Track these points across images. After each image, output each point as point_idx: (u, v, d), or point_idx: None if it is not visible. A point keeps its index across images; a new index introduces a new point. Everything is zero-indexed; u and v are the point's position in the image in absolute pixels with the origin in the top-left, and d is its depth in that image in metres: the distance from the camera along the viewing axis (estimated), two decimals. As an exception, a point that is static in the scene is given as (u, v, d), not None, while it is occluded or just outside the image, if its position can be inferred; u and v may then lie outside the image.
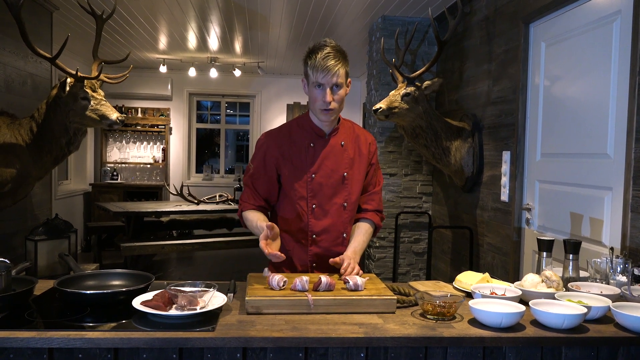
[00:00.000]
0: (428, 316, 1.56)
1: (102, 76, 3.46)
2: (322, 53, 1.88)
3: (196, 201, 6.21)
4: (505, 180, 3.43)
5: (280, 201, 2.07)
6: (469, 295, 1.79)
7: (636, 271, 1.86)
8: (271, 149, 2.02)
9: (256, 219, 1.96)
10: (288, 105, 8.38)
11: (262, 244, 1.77)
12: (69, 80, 3.31)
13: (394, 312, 1.61)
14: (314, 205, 2.01)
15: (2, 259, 1.71)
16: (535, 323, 1.52)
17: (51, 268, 3.74)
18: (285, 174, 2.02)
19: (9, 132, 3.45)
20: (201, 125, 8.64)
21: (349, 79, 1.98)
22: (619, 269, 1.87)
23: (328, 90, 1.89)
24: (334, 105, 1.92)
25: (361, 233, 2.08)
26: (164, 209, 5.79)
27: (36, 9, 4.18)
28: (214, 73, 7.17)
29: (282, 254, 1.76)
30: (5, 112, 3.64)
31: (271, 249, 1.77)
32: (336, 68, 1.88)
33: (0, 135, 3.42)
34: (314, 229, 2.02)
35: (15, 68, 3.94)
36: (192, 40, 6.01)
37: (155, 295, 1.54)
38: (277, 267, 2.04)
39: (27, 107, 3.95)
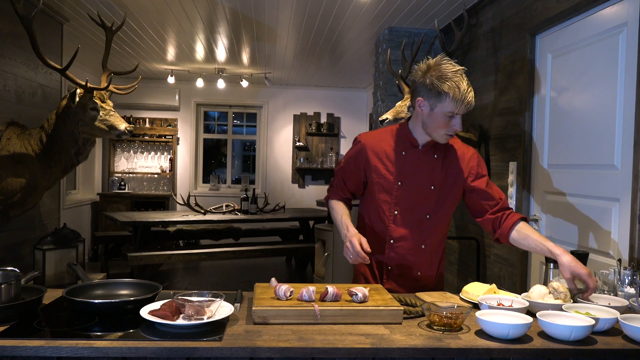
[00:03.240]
0: (435, 327, 1.56)
1: (111, 87, 3.49)
2: (464, 85, 1.89)
3: (203, 211, 6.23)
4: (512, 191, 3.43)
5: (365, 199, 2.14)
6: (476, 306, 1.79)
7: (644, 283, 1.85)
8: (365, 149, 2.08)
9: (341, 214, 2.06)
10: (295, 116, 8.42)
11: (355, 239, 1.88)
12: (78, 91, 3.34)
13: (400, 323, 1.61)
14: (396, 212, 2.05)
15: (12, 268, 1.72)
16: (543, 335, 1.51)
17: (59, 277, 3.75)
18: (374, 178, 2.07)
19: (19, 142, 3.48)
20: (208, 136, 8.69)
21: None
22: (626, 280, 1.86)
23: (459, 120, 1.94)
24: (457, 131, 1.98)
25: (536, 232, 1.97)
26: (171, 219, 5.81)
27: (47, 21, 4.24)
28: (221, 84, 7.22)
29: (368, 259, 1.88)
30: (16, 123, 3.68)
31: (364, 246, 1.88)
32: (472, 104, 1.95)
33: (11, 146, 3.46)
34: (392, 234, 2.06)
35: (25, 79, 3.99)
36: (199, 51, 6.06)
37: (163, 304, 1.54)
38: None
39: (37, 117, 3.99)
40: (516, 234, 1.97)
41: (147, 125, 8.04)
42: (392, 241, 2.06)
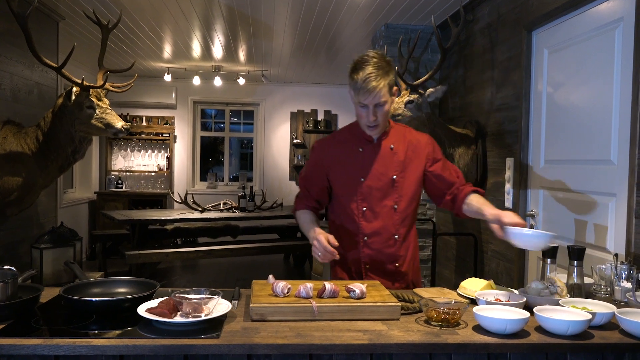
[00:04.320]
0: (432, 323, 1.56)
1: (107, 85, 3.49)
2: (363, 74, 1.91)
3: (200, 209, 6.22)
4: (509, 187, 3.43)
5: (332, 204, 2.16)
6: (473, 301, 1.79)
7: (641, 277, 1.85)
8: (322, 155, 2.13)
9: (307, 219, 2.09)
10: (292, 113, 8.41)
11: (321, 236, 1.88)
12: (74, 89, 3.34)
13: (398, 319, 1.61)
14: (364, 208, 2.07)
15: (9, 267, 1.72)
16: (540, 329, 1.52)
17: (56, 276, 3.75)
18: (336, 179, 2.10)
19: (15, 141, 3.47)
20: (205, 134, 8.67)
21: (394, 88, 2.02)
22: (623, 275, 1.86)
23: (371, 110, 1.96)
24: (378, 122, 2.00)
25: (481, 199, 2.07)
26: (168, 217, 5.80)
27: (42, 19, 4.23)
28: (218, 81, 7.21)
29: (337, 253, 1.87)
30: (12, 121, 3.67)
31: (331, 241, 1.88)
32: (377, 89, 1.91)
33: (7, 144, 3.45)
34: (365, 231, 2.08)
35: (21, 77, 3.97)
36: (196, 49, 6.05)
37: (161, 302, 1.54)
38: (330, 267, 2.15)
39: (34, 116, 3.98)
40: (465, 206, 2.08)
41: (144, 123, 8.02)
42: (365, 238, 2.08)
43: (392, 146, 2.09)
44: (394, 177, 2.07)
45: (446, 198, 2.13)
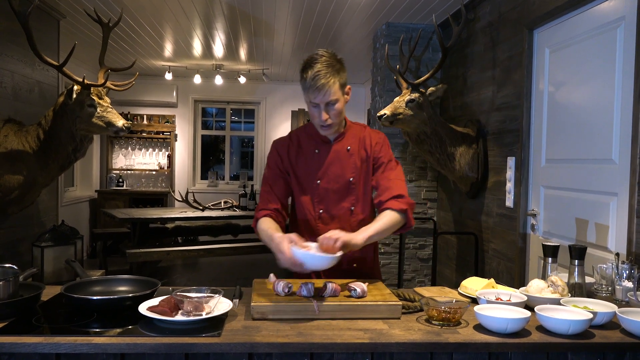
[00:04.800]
0: (433, 322, 1.56)
1: (108, 83, 3.49)
2: (312, 72, 1.85)
3: (201, 207, 6.22)
4: (510, 186, 3.43)
5: (294, 204, 2.10)
6: (474, 301, 1.79)
7: (642, 277, 1.85)
8: (279, 156, 2.06)
9: (266, 229, 1.89)
10: (293, 112, 8.40)
11: (283, 244, 1.69)
12: (75, 87, 3.34)
13: (399, 318, 1.61)
14: (320, 211, 2.04)
15: (10, 265, 1.72)
16: (541, 329, 1.52)
17: (57, 274, 3.75)
18: (294, 181, 2.05)
19: (16, 139, 3.47)
20: (206, 132, 8.67)
21: (347, 87, 1.97)
22: (624, 274, 1.86)
23: (323, 108, 1.90)
24: (330, 121, 1.93)
25: (377, 220, 1.90)
26: (169, 216, 5.80)
27: (43, 17, 4.22)
28: (219, 80, 7.21)
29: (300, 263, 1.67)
30: (13, 120, 3.68)
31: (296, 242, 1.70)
32: (327, 87, 1.85)
33: (8, 143, 3.45)
34: (322, 233, 1.97)
35: (22, 76, 3.97)
36: (197, 47, 6.04)
37: (162, 300, 1.55)
38: (290, 271, 2.03)
39: (35, 114, 3.98)
40: None
41: (145, 121, 8.02)
42: None
43: (348, 147, 2.04)
44: (351, 179, 2.02)
45: (375, 201, 2.02)
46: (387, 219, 1.89)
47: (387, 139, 2.13)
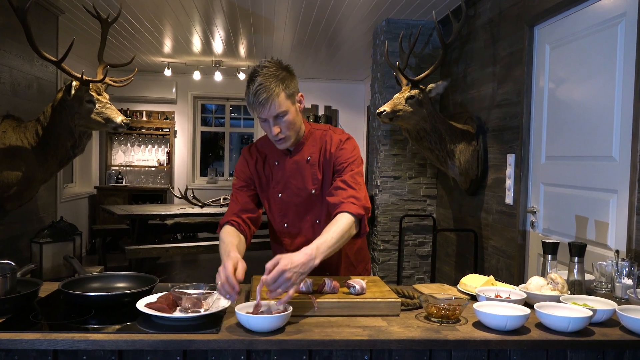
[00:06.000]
0: (432, 319, 1.55)
1: (107, 79, 3.47)
2: (253, 86, 1.74)
3: (200, 204, 6.22)
4: (509, 183, 3.42)
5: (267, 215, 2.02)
6: (474, 298, 1.79)
7: (642, 274, 1.85)
8: (247, 164, 1.99)
9: (226, 244, 1.77)
10: (292, 109, 8.38)
11: (229, 262, 1.58)
12: (74, 83, 3.32)
13: (398, 315, 1.61)
14: (285, 225, 1.98)
15: (7, 261, 1.72)
16: (540, 326, 1.51)
17: (56, 270, 3.74)
18: (259, 192, 1.99)
19: (14, 135, 3.46)
20: (205, 129, 8.66)
21: (299, 95, 1.85)
22: (624, 271, 1.86)
23: (272, 123, 1.78)
24: (282, 135, 1.81)
25: (329, 229, 1.70)
26: (168, 212, 5.80)
27: (42, 13, 4.21)
28: (218, 76, 7.19)
29: (237, 289, 1.53)
30: (11, 116, 3.66)
31: (238, 273, 1.57)
32: (270, 100, 1.73)
33: (6, 139, 3.44)
34: (288, 247, 1.97)
35: (21, 71, 3.96)
36: (196, 43, 6.03)
37: (160, 297, 1.54)
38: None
39: (33, 110, 3.97)
40: None
41: (144, 118, 8.01)
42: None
43: (309, 158, 1.91)
44: (313, 191, 1.91)
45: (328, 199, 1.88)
46: (341, 226, 1.70)
47: (351, 138, 1.97)
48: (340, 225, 1.71)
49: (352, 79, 8.23)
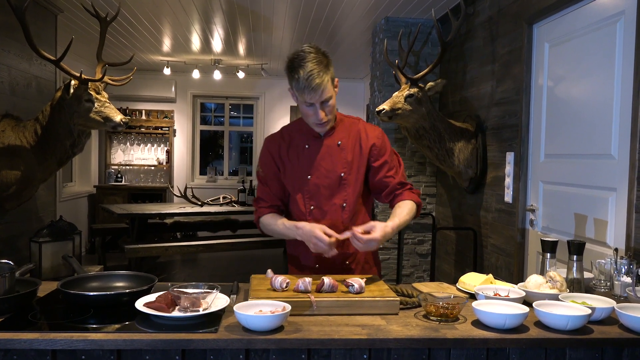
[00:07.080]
0: (431, 317, 1.55)
1: (106, 78, 3.47)
2: (304, 72, 1.81)
3: (200, 203, 6.22)
4: (509, 181, 3.42)
5: (289, 200, 2.09)
6: (473, 296, 1.79)
7: (641, 272, 1.85)
8: (271, 152, 2.05)
9: (279, 222, 1.99)
10: (292, 107, 8.38)
11: (317, 231, 1.81)
12: (73, 82, 3.32)
13: (397, 314, 1.61)
14: (312, 207, 2.02)
15: (6, 261, 1.72)
16: (539, 324, 1.52)
17: (55, 270, 3.74)
18: (285, 176, 2.04)
19: (13, 135, 3.46)
20: (205, 127, 8.65)
21: (336, 80, 1.94)
22: (623, 269, 1.86)
23: (319, 107, 1.88)
24: (326, 118, 1.92)
25: (400, 211, 1.95)
26: (168, 211, 5.80)
27: (40, 11, 4.20)
28: (217, 75, 7.19)
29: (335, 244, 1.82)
30: (10, 115, 3.66)
31: (327, 232, 1.82)
32: (322, 86, 1.82)
33: (5, 138, 3.44)
34: None
35: (19, 70, 3.95)
36: (195, 42, 6.02)
37: (159, 296, 1.54)
38: (285, 268, 2.05)
39: (32, 109, 3.96)
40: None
41: (143, 117, 8.00)
42: None
43: (339, 142, 2.01)
44: (342, 174, 2.00)
45: (382, 196, 2.07)
46: (408, 209, 1.97)
47: (384, 133, 2.11)
48: (406, 209, 1.97)
49: (351, 77, 8.23)
